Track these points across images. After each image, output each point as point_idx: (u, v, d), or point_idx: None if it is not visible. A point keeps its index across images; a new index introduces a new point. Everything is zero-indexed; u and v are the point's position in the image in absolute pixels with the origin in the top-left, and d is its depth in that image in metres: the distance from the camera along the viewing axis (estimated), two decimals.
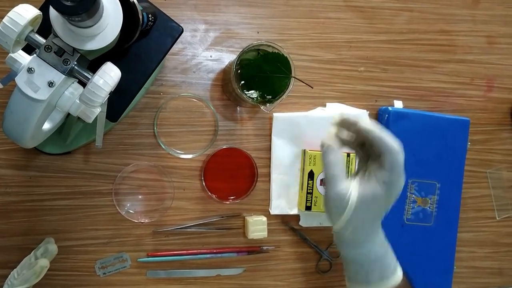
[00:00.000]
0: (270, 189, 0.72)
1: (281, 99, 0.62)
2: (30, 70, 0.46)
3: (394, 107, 0.75)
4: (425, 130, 0.74)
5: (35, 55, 0.46)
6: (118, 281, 0.69)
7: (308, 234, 0.74)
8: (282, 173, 0.73)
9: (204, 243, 0.71)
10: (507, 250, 0.81)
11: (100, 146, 0.57)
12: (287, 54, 0.63)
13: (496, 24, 0.81)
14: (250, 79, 0.63)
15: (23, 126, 0.48)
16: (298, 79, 0.63)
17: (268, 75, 0.63)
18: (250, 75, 0.62)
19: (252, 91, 0.63)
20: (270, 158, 0.72)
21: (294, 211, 0.73)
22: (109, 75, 0.46)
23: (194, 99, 0.71)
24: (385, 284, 0.48)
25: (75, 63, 0.47)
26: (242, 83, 0.62)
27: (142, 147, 0.70)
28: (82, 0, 0.40)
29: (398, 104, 0.76)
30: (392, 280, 0.48)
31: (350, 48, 0.76)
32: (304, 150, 0.71)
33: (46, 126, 0.56)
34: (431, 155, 0.74)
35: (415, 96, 0.78)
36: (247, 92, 0.62)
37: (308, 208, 0.70)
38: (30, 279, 0.60)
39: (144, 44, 0.59)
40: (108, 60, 0.48)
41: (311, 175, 0.70)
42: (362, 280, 0.49)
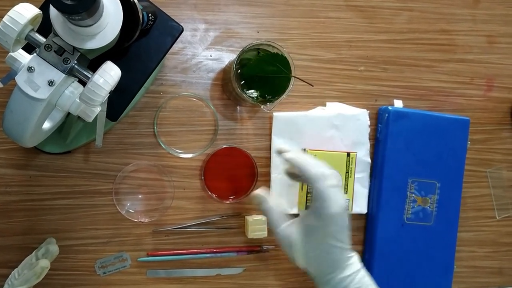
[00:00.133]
0: (270, 188, 0.72)
1: (281, 99, 0.62)
2: (30, 69, 0.46)
3: (394, 107, 0.75)
4: (425, 130, 0.74)
5: (35, 54, 0.46)
6: (118, 280, 0.69)
7: None
8: (282, 172, 0.72)
9: (204, 243, 0.71)
10: (507, 250, 0.81)
11: (100, 146, 0.57)
12: (287, 53, 0.62)
13: (496, 24, 0.81)
14: (250, 79, 0.63)
15: (23, 125, 0.48)
16: (299, 78, 0.63)
17: (268, 75, 0.63)
18: (250, 75, 0.62)
19: (252, 90, 0.63)
20: (270, 158, 0.72)
21: (294, 211, 0.72)
22: (109, 74, 0.46)
23: (194, 99, 0.71)
24: None
25: (75, 62, 0.47)
26: (242, 82, 0.62)
27: (142, 146, 0.70)
28: None
29: (398, 104, 0.76)
30: None
31: (350, 47, 0.76)
32: (304, 149, 0.71)
33: (46, 125, 0.56)
34: (431, 155, 0.74)
35: (415, 95, 0.78)
36: (247, 92, 0.62)
37: (308, 207, 0.70)
38: (31, 280, 0.60)
39: (144, 43, 0.59)
40: (108, 59, 0.48)
41: None
42: None
